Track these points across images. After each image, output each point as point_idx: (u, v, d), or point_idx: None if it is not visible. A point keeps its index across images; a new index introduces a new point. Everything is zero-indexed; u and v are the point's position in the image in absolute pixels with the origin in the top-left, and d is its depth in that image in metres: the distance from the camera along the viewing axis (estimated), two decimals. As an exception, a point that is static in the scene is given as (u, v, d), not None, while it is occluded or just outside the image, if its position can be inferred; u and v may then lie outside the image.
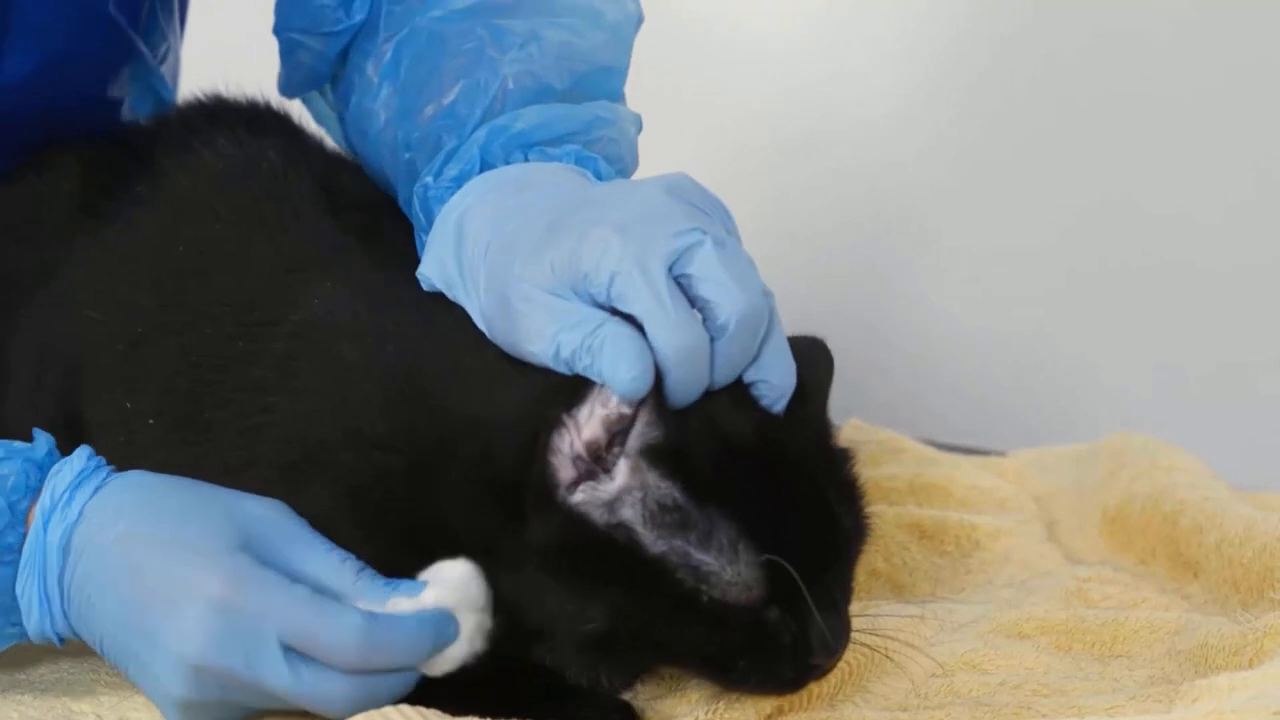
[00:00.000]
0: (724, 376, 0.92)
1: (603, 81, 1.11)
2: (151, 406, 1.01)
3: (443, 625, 0.91)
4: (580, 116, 1.06)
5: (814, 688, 0.97)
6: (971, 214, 1.92)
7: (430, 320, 1.00)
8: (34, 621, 0.94)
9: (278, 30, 1.21)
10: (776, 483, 0.92)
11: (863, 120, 1.93)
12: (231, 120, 1.18)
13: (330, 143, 1.22)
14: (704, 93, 1.94)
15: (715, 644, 0.92)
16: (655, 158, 1.12)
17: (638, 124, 1.11)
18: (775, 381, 0.93)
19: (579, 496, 0.90)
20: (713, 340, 0.91)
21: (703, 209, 0.95)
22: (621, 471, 0.90)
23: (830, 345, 1.02)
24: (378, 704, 0.90)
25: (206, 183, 1.13)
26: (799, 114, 1.95)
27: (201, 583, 0.89)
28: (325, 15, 1.17)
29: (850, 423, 1.48)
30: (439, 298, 1.00)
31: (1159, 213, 1.83)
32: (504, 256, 0.96)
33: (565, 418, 0.90)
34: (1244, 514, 1.19)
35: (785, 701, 0.97)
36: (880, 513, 1.26)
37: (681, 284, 0.91)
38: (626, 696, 0.98)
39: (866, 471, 1.35)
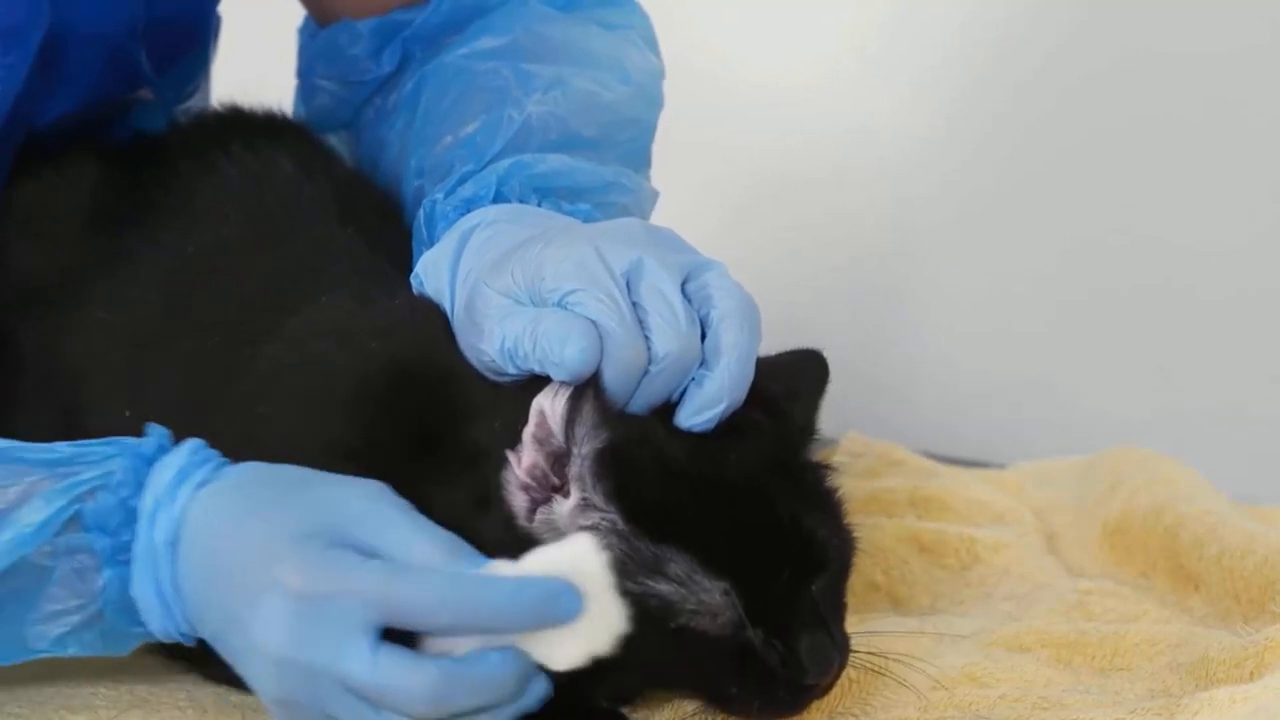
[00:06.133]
0: (650, 399, 0.91)
1: (632, 137, 1.13)
2: (152, 415, 1.00)
3: (554, 593, 0.80)
4: (601, 176, 1.07)
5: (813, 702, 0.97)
6: (975, 235, 1.93)
7: (421, 335, 0.99)
8: (156, 621, 0.91)
9: (302, 74, 1.22)
10: (723, 503, 0.90)
11: (878, 156, 1.97)
12: (248, 129, 1.19)
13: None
14: (719, 133, 1.99)
15: (698, 670, 0.91)
16: (673, 197, 1.14)
17: (654, 200, 1.12)
18: (710, 389, 0.91)
19: (538, 520, 0.90)
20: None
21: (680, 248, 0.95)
22: (573, 492, 0.89)
23: (830, 357, 1.01)
24: (468, 701, 0.80)
25: (220, 188, 1.13)
26: (817, 151, 1.99)
27: (274, 573, 0.84)
28: (356, 65, 1.19)
29: (849, 435, 1.48)
30: (434, 308, 1.00)
31: (1157, 233, 1.85)
32: (482, 265, 0.96)
33: (510, 453, 0.90)
34: (1245, 527, 1.19)
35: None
36: (879, 525, 1.26)
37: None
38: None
39: (865, 484, 1.36)
